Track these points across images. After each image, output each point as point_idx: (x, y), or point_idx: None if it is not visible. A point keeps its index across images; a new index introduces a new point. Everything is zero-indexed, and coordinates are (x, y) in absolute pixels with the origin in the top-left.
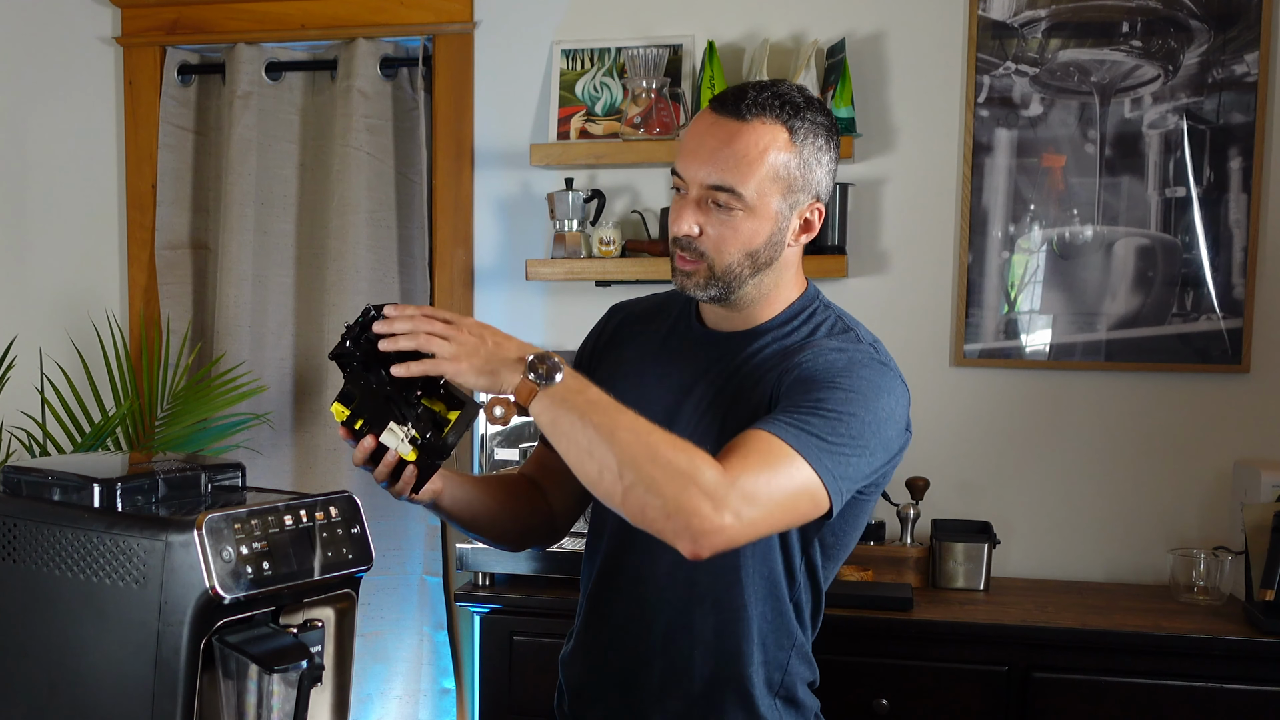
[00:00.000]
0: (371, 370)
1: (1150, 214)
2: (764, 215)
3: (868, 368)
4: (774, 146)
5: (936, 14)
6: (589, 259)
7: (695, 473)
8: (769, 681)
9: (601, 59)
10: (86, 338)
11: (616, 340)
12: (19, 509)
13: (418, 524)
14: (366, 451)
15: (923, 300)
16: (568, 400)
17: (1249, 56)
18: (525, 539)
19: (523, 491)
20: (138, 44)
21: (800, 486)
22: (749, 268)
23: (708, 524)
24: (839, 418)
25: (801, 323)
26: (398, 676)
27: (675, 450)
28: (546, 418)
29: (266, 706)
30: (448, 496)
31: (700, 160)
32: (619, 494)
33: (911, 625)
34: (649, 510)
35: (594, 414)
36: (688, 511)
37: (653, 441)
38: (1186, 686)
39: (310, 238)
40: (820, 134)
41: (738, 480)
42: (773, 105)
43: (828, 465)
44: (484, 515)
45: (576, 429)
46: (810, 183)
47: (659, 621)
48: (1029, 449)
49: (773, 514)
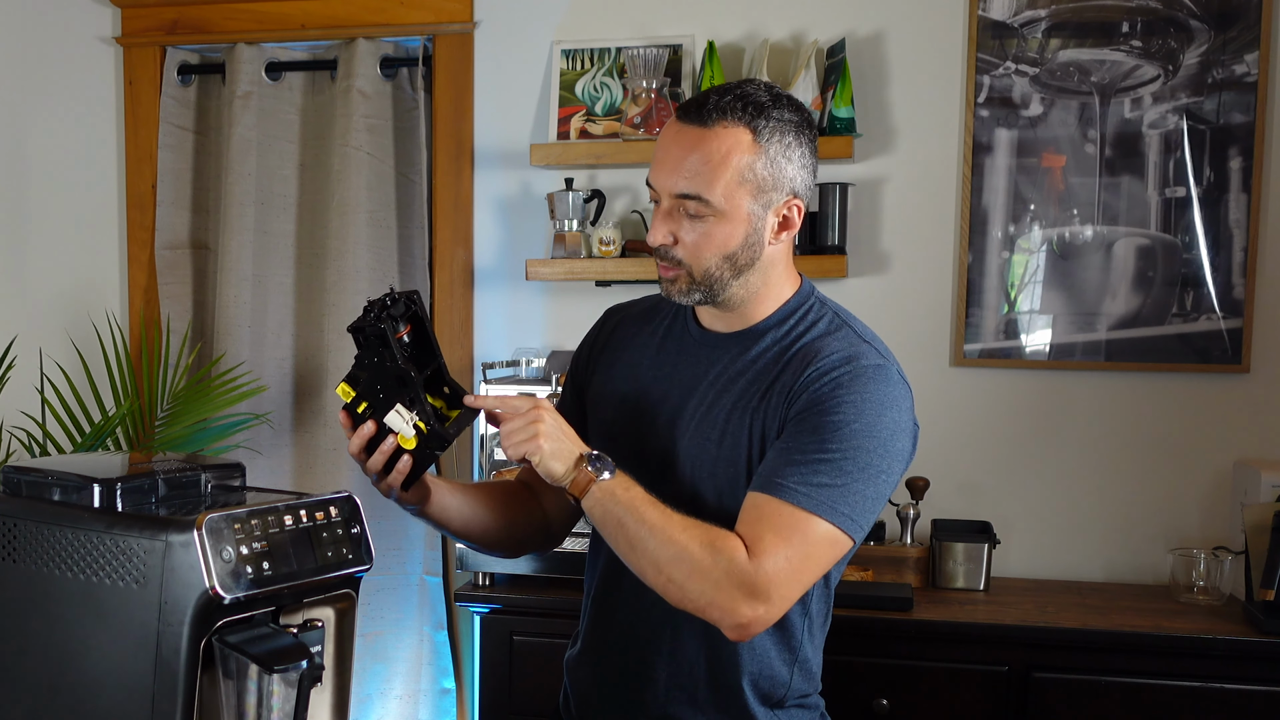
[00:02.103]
0: (387, 350)
1: (1150, 214)
2: (736, 218)
3: (871, 380)
4: (737, 149)
5: (936, 14)
6: (589, 259)
7: (725, 572)
8: (768, 695)
9: (601, 59)
10: (86, 338)
11: (614, 343)
12: (19, 509)
13: (418, 524)
14: (365, 438)
15: (923, 300)
16: (616, 495)
17: (1249, 56)
18: (521, 546)
19: (516, 498)
20: (138, 44)
21: (821, 543)
22: (729, 270)
23: (743, 618)
24: (844, 454)
25: (798, 320)
26: (398, 676)
27: (704, 549)
28: (599, 510)
29: (266, 706)
30: (436, 503)
31: (667, 170)
32: (660, 587)
33: (911, 625)
34: (687, 605)
35: (636, 512)
36: (723, 609)
37: (684, 541)
38: (1186, 686)
39: (310, 238)
40: (788, 130)
41: (762, 566)
42: (734, 108)
43: (844, 511)
44: (475, 523)
45: (625, 525)
46: (782, 180)
47: (663, 627)
48: (1029, 449)
49: (803, 581)
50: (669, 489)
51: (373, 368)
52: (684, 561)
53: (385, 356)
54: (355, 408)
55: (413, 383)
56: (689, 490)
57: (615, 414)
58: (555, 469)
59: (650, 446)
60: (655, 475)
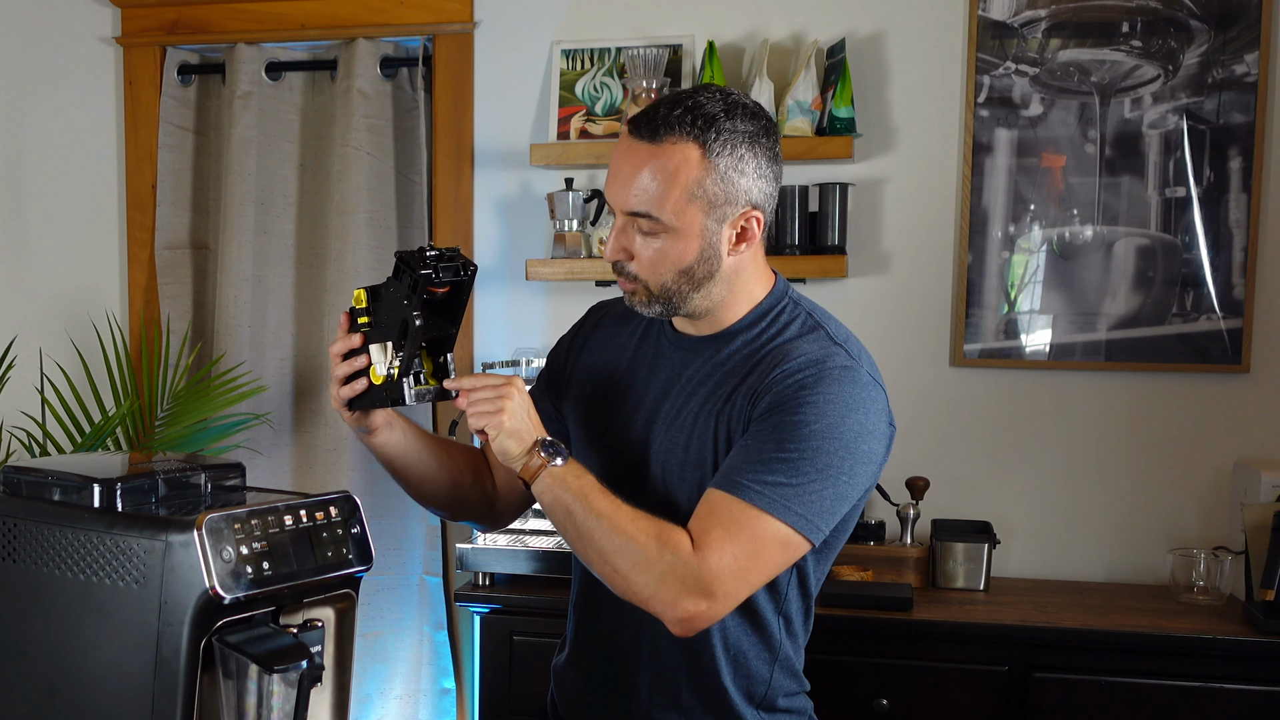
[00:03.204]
0: (415, 295)
1: (1150, 214)
2: (689, 234)
3: (836, 382)
4: (685, 166)
5: (936, 14)
6: (589, 259)
7: (669, 566)
8: (750, 695)
9: (601, 59)
10: (86, 338)
11: (593, 341)
12: (19, 509)
13: (418, 524)
14: (349, 345)
15: (923, 300)
16: (566, 482)
17: (1249, 56)
18: (459, 510)
19: (469, 464)
20: (138, 44)
21: (771, 542)
22: (687, 284)
23: (685, 612)
24: (801, 455)
25: (769, 323)
26: (398, 676)
27: (651, 540)
28: (548, 496)
29: (266, 706)
30: (383, 435)
31: (618, 187)
32: (606, 577)
33: (911, 625)
34: (631, 596)
35: (585, 500)
36: (665, 602)
37: (631, 531)
38: (1186, 686)
39: (310, 238)
40: (740, 142)
41: (706, 561)
42: (684, 122)
43: (797, 510)
44: (417, 468)
45: (573, 513)
46: (735, 194)
47: (645, 631)
48: (1029, 449)
49: (749, 581)
50: (642, 491)
51: (393, 298)
52: (629, 552)
53: (410, 298)
54: (358, 317)
55: (413, 334)
56: (661, 492)
57: (592, 415)
58: (510, 447)
59: (624, 449)
60: (629, 477)
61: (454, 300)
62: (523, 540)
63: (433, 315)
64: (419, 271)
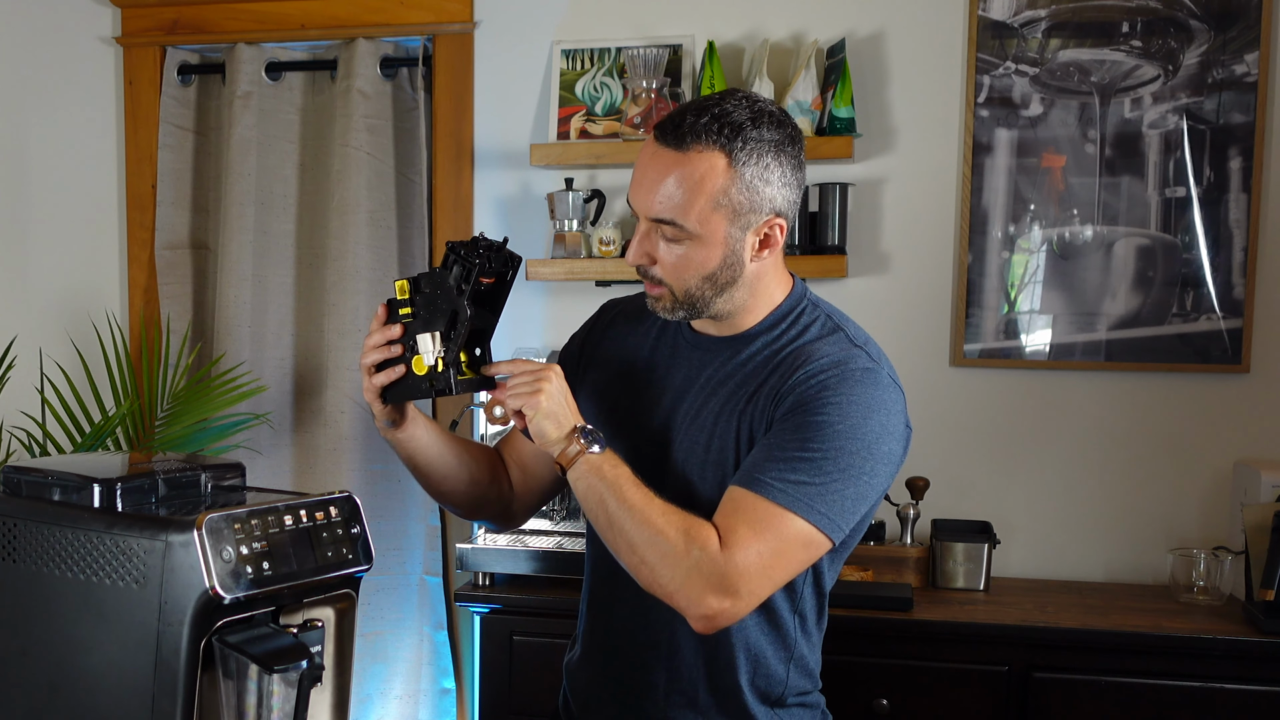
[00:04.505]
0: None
1: (1150, 214)
2: (713, 242)
3: (859, 383)
4: (711, 175)
5: (936, 14)
6: (589, 259)
7: (696, 561)
8: (766, 694)
9: (601, 59)
10: (86, 338)
11: (607, 339)
12: (19, 509)
13: (418, 524)
14: (389, 336)
15: (923, 300)
16: (603, 471)
17: (1249, 56)
18: (476, 510)
19: (488, 462)
20: (138, 44)
21: (795, 540)
22: (711, 289)
23: (709, 609)
24: (824, 454)
25: (789, 325)
26: (398, 676)
27: (680, 535)
28: (583, 484)
29: (266, 706)
30: (410, 430)
31: (643, 193)
32: (633, 568)
33: (911, 625)
34: (656, 589)
35: (619, 490)
36: (689, 598)
37: (661, 524)
38: (1186, 686)
39: (310, 238)
40: (765, 151)
41: (733, 558)
42: (711, 130)
43: (820, 510)
44: (439, 467)
45: (606, 502)
46: (760, 202)
47: (661, 631)
48: (1029, 449)
49: (773, 579)
50: (662, 488)
51: (440, 287)
52: (658, 545)
53: (459, 288)
54: (399, 307)
55: (462, 324)
56: (682, 492)
57: (609, 410)
58: (548, 430)
59: (644, 445)
60: (649, 477)
61: (497, 292)
62: (523, 540)
63: (478, 306)
64: (474, 260)
